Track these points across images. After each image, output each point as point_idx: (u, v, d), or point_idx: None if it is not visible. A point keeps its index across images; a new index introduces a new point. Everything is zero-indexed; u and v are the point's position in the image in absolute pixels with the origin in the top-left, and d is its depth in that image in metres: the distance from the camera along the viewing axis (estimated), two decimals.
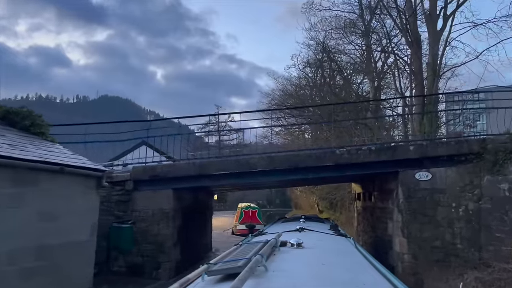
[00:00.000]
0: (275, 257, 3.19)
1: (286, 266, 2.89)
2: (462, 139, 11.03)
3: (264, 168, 11.01)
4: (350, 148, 11.21)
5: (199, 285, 2.53)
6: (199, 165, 11.15)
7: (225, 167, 11.12)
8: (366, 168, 11.04)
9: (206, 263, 2.87)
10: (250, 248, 3.35)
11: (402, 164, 10.74)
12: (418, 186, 10.61)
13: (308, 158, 11.07)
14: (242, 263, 2.54)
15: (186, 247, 12.52)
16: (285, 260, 3.14)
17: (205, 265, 2.81)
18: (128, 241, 10.42)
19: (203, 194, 15.70)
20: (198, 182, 11.24)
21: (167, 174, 11.17)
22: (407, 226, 10.51)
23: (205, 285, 2.52)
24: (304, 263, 3.14)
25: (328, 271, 2.93)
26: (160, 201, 11.08)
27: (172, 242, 11.12)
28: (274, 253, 3.30)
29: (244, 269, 2.24)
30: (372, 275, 3.07)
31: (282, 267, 2.80)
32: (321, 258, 3.40)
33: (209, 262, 2.91)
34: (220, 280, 2.52)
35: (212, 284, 2.49)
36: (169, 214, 11.03)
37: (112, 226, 10.35)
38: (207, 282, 2.55)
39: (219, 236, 25.87)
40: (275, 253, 3.33)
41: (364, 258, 3.89)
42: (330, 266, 3.13)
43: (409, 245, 10.43)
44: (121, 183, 11.17)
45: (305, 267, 2.99)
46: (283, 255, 3.31)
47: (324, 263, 3.15)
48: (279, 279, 2.45)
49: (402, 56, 22.20)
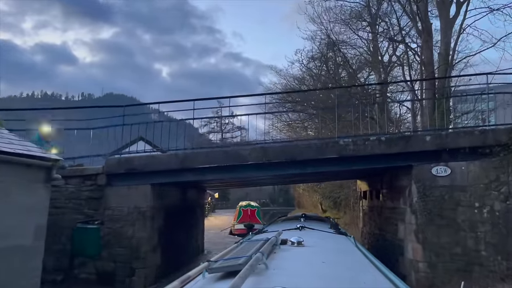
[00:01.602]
0: (276, 255, 3.20)
1: (286, 264, 2.90)
2: (487, 128, 9.48)
3: (257, 161, 9.54)
4: (356, 138, 9.69)
5: (200, 283, 2.54)
6: (181, 157, 9.68)
7: (211, 159, 9.65)
8: (374, 161, 9.54)
9: (207, 261, 2.90)
10: (250, 246, 3.39)
11: (417, 157, 9.24)
12: (435, 183, 9.11)
13: (307, 150, 9.58)
14: (243, 260, 2.55)
15: (169, 250, 11.08)
16: (285, 258, 3.16)
17: (206, 263, 2.85)
18: (94, 245, 8.96)
19: (193, 191, 14.24)
20: (180, 177, 9.78)
21: (145, 167, 9.72)
22: (422, 229, 9.01)
23: (205, 282, 2.53)
24: (304, 261, 3.16)
25: (329, 270, 2.94)
26: (136, 198, 9.64)
27: (150, 245, 9.67)
28: (275, 251, 3.32)
29: (244, 267, 2.26)
30: (372, 274, 3.06)
31: (283, 265, 2.81)
32: (322, 256, 3.39)
33: (210, 260, 2.93)
34: (221, 277, 2.53)
35: (213, 282, 2.51)
36: (146, 213, 9.58)
37: (76, 227, 8.90)
38: (208, 280, 2.56)
39: (215, 237, 24.46)
40: (275, 251, 3.34)
41: (364, 256, 3.87)
42: (330, 264, 3.13)
43: (424, 252, 8.94)
44: (93, 177, 9.76)
45: (306, 265, 3.00)
46: (283, 253, 3.32)
47: (325, 262, 3.14)
48: (279, 277, 2.44)
49: (411, 46, 20.75)
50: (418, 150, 9.21)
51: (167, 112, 11.18)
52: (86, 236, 8.88)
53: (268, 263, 2.65)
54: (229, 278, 2.32)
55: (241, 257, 2.68)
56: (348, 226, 21.87)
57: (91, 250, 8.95)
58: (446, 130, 9.77)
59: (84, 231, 8.88)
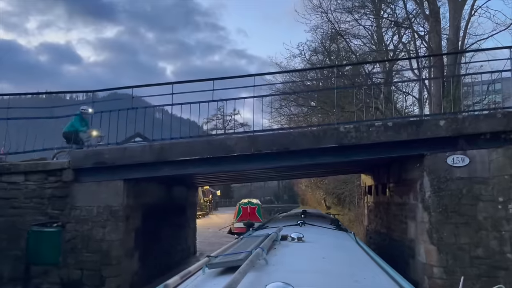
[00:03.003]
0: (276, 250, 3.19)
1: (286, 259, 2.90)
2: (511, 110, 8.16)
3: (244, 152, 8.30)
4: (358, 124, 8.39)
5: (200, 278, 2.54)
6: (157, 148, 8.44)
7: (192, 151, 8.40)
8: (379, 150, 8.26)
9: (207, 256, 2.89)
10: (250, 241, 3.40)
11: (429, 144, 7.97)
12: (451, 175, 7.84)
13: (302, 138, 8.31)
14: (243, 256, 2.55)
15: (150, 254, 9.88)
16: (285, 253, 3.13)
17: (206, 258, 2.85)
18: (53, 250, 7.70)
19: (181, 188, 13.01)
20: (156, 171, 8.54)
21: (116, 160, 8.50)
22: (436, 228, 7.73)
23: (205, 277, 2.53)
24: (304, 257, 3.14)
25: (329, 265, 2.92)
26: (107, 196, 8.42)
27: (123, 249, 8.44)
28: (275, 247, 3.31)
29: (244, 262, 2.26)
30: (372, 270, 3.03)
31: (283, 261, 2.80)
32: (322, 252, 3.36)
33: (210, 255, 2.93)
34: (221, 272, 2.52)
35: (213, 277, 2.50)
36: (118, 213, 8.35)
37: (30, 231, 7.65)
38: (208, 275, 2.56)
39: (212, 236, 23.26)
40: (275, 246, 3.33)
41: (364, 252, 3.85)
42: (330, 260, 3.10)
43: (439, 255, 7.66)
44: (57, 173, 8.53)
45: (306, 261, 2.99)
46: (283, 249, 3.30)
47: (325, 257, 3.12)
48: (279, 272, 2.41)
49: (418, 32, 19.39)
50: (431, 137, 7.92)
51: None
52: (43, 241, 7.62)
53: (268, 258, 2.66)
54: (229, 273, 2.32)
55: (241, 253, 2.70)
56: (353, 224, 20.60)
57: (49, 257, 7.68)
58: (463, 113, 8.44)
59: (39, 235, 7.61)
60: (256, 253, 2.53)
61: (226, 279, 2.03)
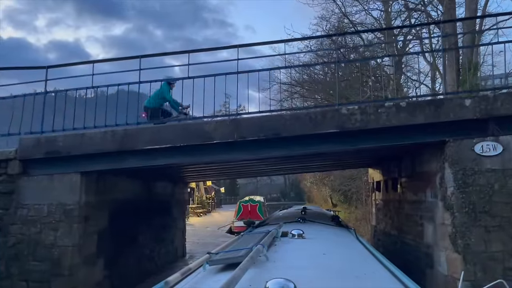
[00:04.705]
0: (276, 247, 3.16)
1: (287, 256, 2.88)
2: None
3: (226, 139, 6.82)
4: (364, 104, 6.84)
5: (201, 274, 2.53)
6: (120, 135, 6.98)
7: (163, 138, 6.94)
8: (390, 137, 6.72)
9: (208, 253, 2.87)
10: (251, 238, 3.45)
11: (452, 129, 6.45)
12: (480, 166, 6.31)
13: (295, 122, 6.79)
14: (244, 252, 2.55)
15: (121, 261, 8.46)
16: (286, 250, 3.11)
17: (206, 255, 2.82)
18: None
19: (164, 183, 11.56)
20: (119, 162, 7.08)
21: (72, 149, 7.07)
22: (462, 232, 6.20)
23: (206, 274, 2.51)
24: (305, 253, 3.11)
25: (329, 261, 2.89)
26: (60, 192, 6.99)
27: (80, 256, 7.01)
28: (275, 243, 3.28)
29: (245, 259, 2.24)
30: (373, 266, 3.02)
31: (283, 257, 2.79)
32: (322, 248, 3.32)
33: (210, 252, 2.92)
34: (222, 269, 2.50)
35: (214, 273, 2.48)
36: (73, 213, 6.91)
37: None
38: (209, 271, 2.54)
39: (209, 235, 21.78)
40: (276, 243, 3.30)
41: (365, 248, 3.83)
42: (331, 256, 3.08)
43: (466, 266, 6.12)
44: (2, 165, 7.14)
45: (306, 257, 2.96)
46: (284, 245, 3.27)
47: (325, 253, 3.09)
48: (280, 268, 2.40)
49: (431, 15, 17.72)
50: (454, 120, 6.38)
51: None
52: None
53: (268, 255, 2.63)
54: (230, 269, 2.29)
55: (242, 249, 2.72)
56: (359, 223, 19.05)
57: None
58: (493, 91, 6.87)
59: None
60: (256, 249, 2.53)
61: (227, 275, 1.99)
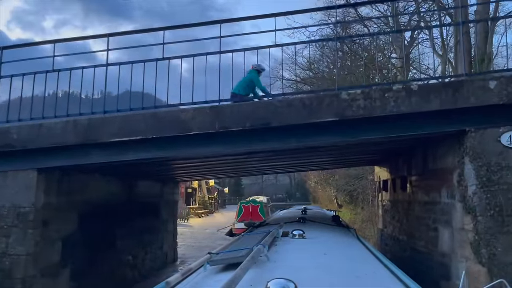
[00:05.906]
0: (277, 247, 3.17)
1: (287, 256, 2.87)
2: None
3: (206, 130, 5.83)
4: (368, 89, 5.80)
5: (202, 274, 2.53)
6: (84, 125, 6.01)
7: (132, 128, 5.96)
8: (399, 126, 5.68)
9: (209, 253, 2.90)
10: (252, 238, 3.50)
11: (474, 116, 5.42)
12: (507, 160, 5.29)
13: (287, 110, 5.77)
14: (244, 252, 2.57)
15: (93, 271, 7.49)
16: (286, 250, 3.10)
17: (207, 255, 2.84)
18: None
19: (149, 182, 10.58)
20: (83, 157, 6.10)
21: (28, 143, 6.10)
22: (486, 240, 5.17)
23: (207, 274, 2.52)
24: (305, 253, 3.10)
25: (330, 261, 2.88)
26: (14, 192, 6.04)
27: (37, 267, 6.04)
28: (276, 243, 3.28)
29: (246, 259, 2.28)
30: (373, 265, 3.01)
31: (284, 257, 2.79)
32: (323, 248, 3.29)
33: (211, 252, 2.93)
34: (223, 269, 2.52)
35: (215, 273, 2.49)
36: (28, 216, 5.95)
37: None
38: (210, 271, 2.55)
39: (207, 238, 20.82)
40: (276, 243, 3.31)
41: (365, 248, 3.81)
42: (331, 256, 3.07)
43: (491, 279, 5.06)
44: None
45: (307, 257, 2.94)
46: (284, 245, 3.26)
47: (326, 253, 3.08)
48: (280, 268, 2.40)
49: None
50: (476, 105, 5.35)
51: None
52: None
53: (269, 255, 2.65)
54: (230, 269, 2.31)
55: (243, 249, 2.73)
56: (365, 225, 17.99)
57: None
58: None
59: None
60: (257, 249, 2.53)
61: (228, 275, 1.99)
